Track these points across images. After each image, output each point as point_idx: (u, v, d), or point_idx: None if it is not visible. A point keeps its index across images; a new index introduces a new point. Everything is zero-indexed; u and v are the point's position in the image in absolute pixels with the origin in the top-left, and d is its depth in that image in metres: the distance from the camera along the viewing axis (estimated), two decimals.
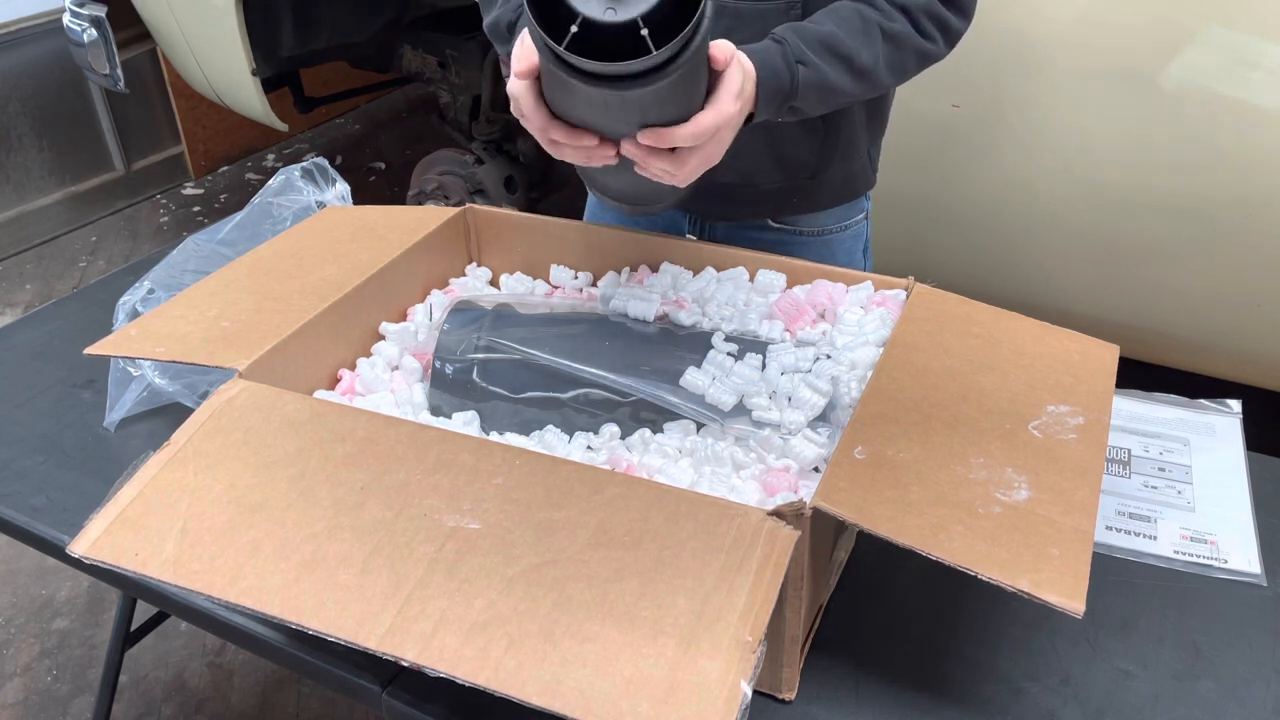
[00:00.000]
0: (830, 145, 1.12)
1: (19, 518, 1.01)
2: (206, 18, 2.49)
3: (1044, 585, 0.68)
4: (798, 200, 1.18)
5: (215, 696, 1.76)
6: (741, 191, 1.17)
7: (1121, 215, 1.68)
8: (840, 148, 1.13)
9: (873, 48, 0.96)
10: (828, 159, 1.14)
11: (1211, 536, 0.97)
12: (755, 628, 0.66)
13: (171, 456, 0.81)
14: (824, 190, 1.18)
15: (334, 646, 0.69)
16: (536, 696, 0.63)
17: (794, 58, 0.92)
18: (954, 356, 0.92)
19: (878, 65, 0.97)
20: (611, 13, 0.72)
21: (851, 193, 1.20)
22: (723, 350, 0.96)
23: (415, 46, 2.79)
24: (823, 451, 0.89)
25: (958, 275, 1.87)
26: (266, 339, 0.94)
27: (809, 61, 0.93)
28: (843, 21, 0.95)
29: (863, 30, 0.96)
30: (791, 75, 0.92)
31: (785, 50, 0.92)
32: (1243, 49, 1.52)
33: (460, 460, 0.79)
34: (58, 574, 2.00)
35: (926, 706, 0.81)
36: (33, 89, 3.11)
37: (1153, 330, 1.78)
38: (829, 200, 1.19)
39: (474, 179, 2.59)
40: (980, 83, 1.69)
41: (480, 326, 1.00)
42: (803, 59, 0.92)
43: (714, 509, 0.74)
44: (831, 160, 1.14)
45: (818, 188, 1.17)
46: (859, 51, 0.95)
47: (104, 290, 1.38)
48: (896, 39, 0.98)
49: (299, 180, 1.30)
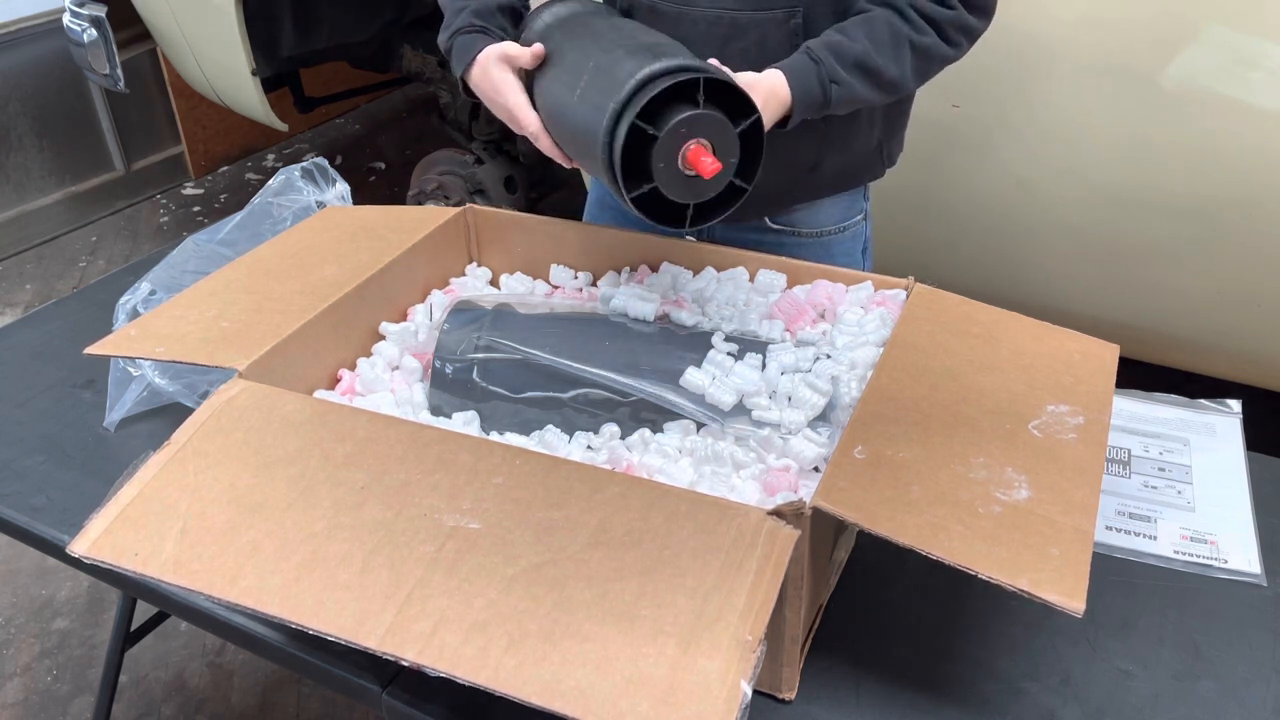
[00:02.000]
0: (828, 139, 1.13)
1: (19, 518, 1.01)
2: (206, 18, 2.49)
3: (1044, 585, 0.68)
4: (798, 192, 1.18)
5: (215, 696, 1.76)
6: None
7: (1121, 215, 1.68)
8: (839, 141, 1.14)
9: (901, 63, 1.02)
10: (826, 151, 1.14)
11: (1211, 536, 0.97)
12: (755, 627, 0.66)
13: (171, 456, 0.81)
14: (822, 181, 1.18)
15: (334, 646, 0.69)
16: (536, 696, 0.63)
17: (829, 77, 1.00)
18: (954, 356, 0.92)
19: (904, 76, 1.03)
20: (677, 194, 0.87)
21: (851, 182, 1.21)
22: (723, 350, 0.96)
23: (415, 46, 2.79)
24: (823, 451, 0.89)
25: (958, 275, 1.87)
26: (266, 339, 0.94)
27: (842, 81, 1.00)
28: (875, 36, 1.01)
29: (893, 45, 1.01)
30: (825, 93, 1.01)
31: (820, 71, 1.00)
32: (1243, 49, 1.51)
33: (460, 460, 0.79)
34: (58, 574, 2.00)
35: (926, 706, 0.81)
36: (33, 89, 3.11)
37: (1153, 330, 1.78)
38: (828, 189, 1.20)
39: (474, 179, 2.59)
40: (980, 83, 1.69)
41: (480, 326, 1.00)
42: (836, 79, 1.00)
43: (714, 509, 0.74)
44: (830, 153, 1.14)
45: (816, 180, 1.18)
46: (888, 67, 1.01)
47: (104, 290, 1.38)
48: (926, 52, 1.03)
49: (299, 180, 1.30)
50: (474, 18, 1.07)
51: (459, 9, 1.08)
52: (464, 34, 1.06)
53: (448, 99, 2.75)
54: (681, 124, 0.84)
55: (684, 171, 0.86)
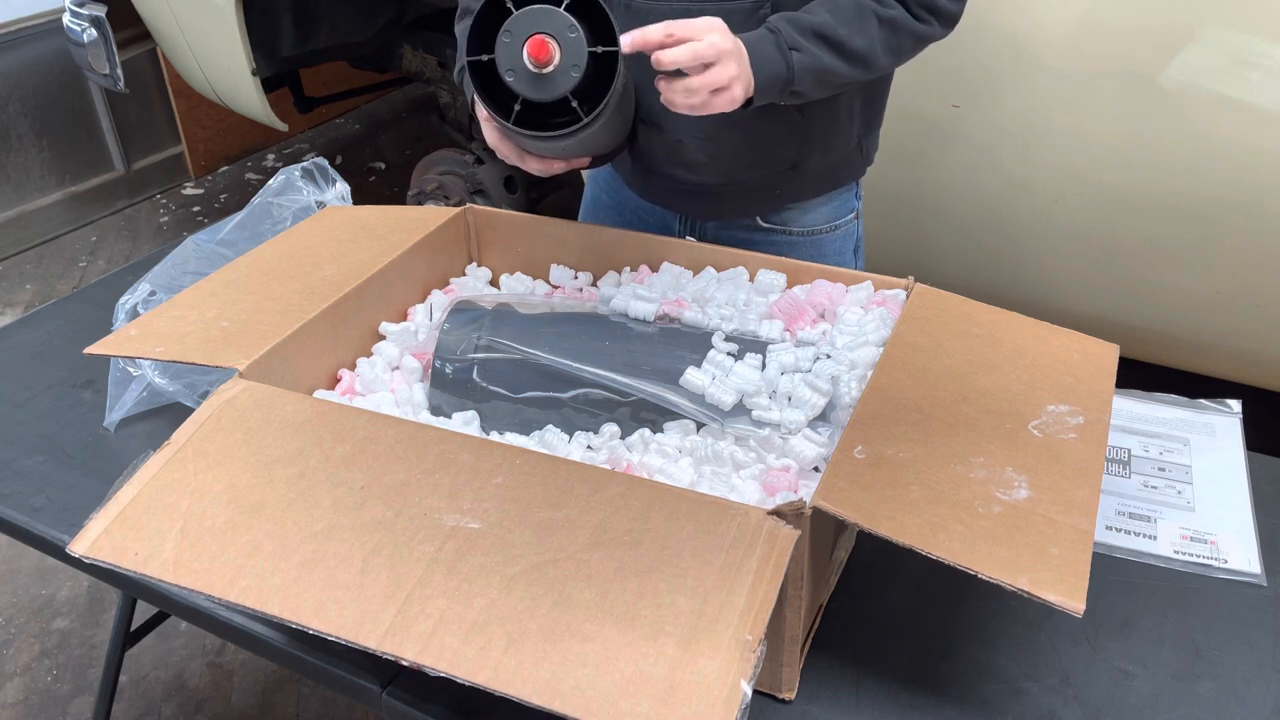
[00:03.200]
0: (809, 137, 1.13)
1: (19, 518, 1.01)
2: (206, 18, 2.49)
3: (1044, 584, 0.68)
4: (780, 192, 1.18)
5: (215, 696, 1.76)
6: (724, 189, 1.18)
7: (1121, 215, 1.68)
8: (820, 139, 1.14)
9: (867, 33, 1.00)
10: (808, 151, 1.14)
11: (1211, 536, 0.97)
12: (755, 627, 0.66)
13: (171, 456, 0.81)
14: (806, 181, 1.18)
15: (334, 646, 0.69)
16: (536, 696, 0.63)
17: (787, 45, 0.96)
18: (954, 356, 0.92)
19: (873, 49, 1.01)
20: (544, 92, 0.88)
21: (835, 182, 1.21)
22: (723, 350, 0.96)
23: (415, 46, 2.79)
24: (823, 451, 0.89)
25: (958, 275, 1.87)
26: (266, 339, 0.94)
27: (802, 48, 0.97)
28: (837, 9, 0.99)
29: (857, 17, 0.99)
30: (787, 62, 0.96)
31: (779, 39, 0.97)
32: (1243, 49, 1.52)
33: (460, 460, 0.79)
34: (58, 574, 2.00)
35: (926, 706, 0.81)
36: (33, 89, 3.11)
37: (1153, 330, 1.78)
38: (812, 190, 1.20)
39: (474, 179, 2.58)
40: (980, 83, 1.69)
41: (480, 326, 1.00)
42: (795, 45, 0.97)
43: (714, 509, 0.74)
44: (812, 151, 1.14)
45: (800, 178, 1.17)
46: (852, 37, 0.99)
47: (104, 290, 1.38)
48: (893, 24, 1.01)
49: (299, 180, 1.30)
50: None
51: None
52: None
53: (448, 99, 2.75)
54: (505, 32, 0.87)
55: (538, 71, 0.87)
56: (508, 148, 1.03)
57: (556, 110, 0.90)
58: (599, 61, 0.89)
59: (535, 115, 0.91)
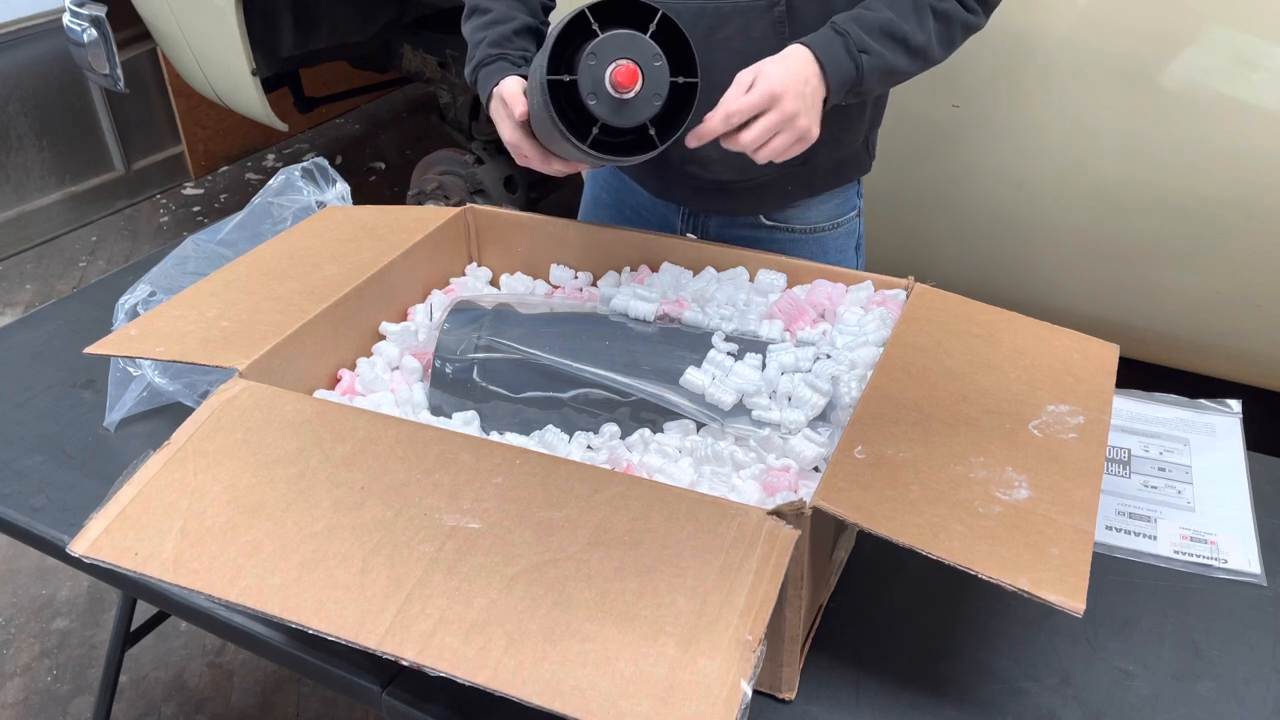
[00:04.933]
0: (821, 133, 1.13)
1: (19, 518, 1.01)
2: (206, 18, 2.49)
3: (1044, 584, 0.68)
4: (793, 188, 1.19)
5: (215, 696, 1.76)
6: (738, 186, 1.17)
7: (1121, 215, 1.68)
8: (832, 135, 1.14)
9: (925, 28, 1.02)
10: (818, 146, 1.14)
11: (1211, 536, 0.97)
12: (755, 627, 0.66)
13: (171, 456, 0.81)
14: (815, 177, 1.19)
15: (334, 646, 0.69)
16: (536, 696, 0.63)
17: (857, 48, 0.98)
18: (954, 356, 0.92)
19: (930, 43, 1.03)
20: (623, 118, 0.89)
21: (842, 178, 1.21)
22: (723, 350, 0.96)
23: (415, 46, 2.79)
24: (823, 451, 0.89)
25: (958, 275, 1.87)
26: (266, 339, 0.94)
27: (871, 50, 0.99)
28: (895, 4, 1.01)
29: (915, 12, 1.01)
30: (857, 65, 0.98)
31: (848, 43, 0.98)
32: (1243, 49, 1.51)
33: (460, 460, 0.79)
34: (58, 574, 2.00)
35: (926, 706, 0.81)
36: (33, 89, 3.11)
37: (1153, 330, 1.78)
38: (820, 186, 1.20)
39: (474, 179, 2.58)
40: (980, 83, 1.69)
41: (480, 326, 1.00)
42: (865, 48, 0.98)
43: (714, 509, 0.74)
44: (822, 147, 1.14)
45: (810, 174, 1.18)
46: (914, 33, 1.01)
47: (104, 290, 1.38)
48: (946, 17, 1.03)
49: (299, 180, 1.30)
50: (491, 48, 1.08)
51: (478, 40, 1.10)
52: (484, 66, 1.08)
53: (448, 99, 2.75)
54: (590, 55, 0.87)
55: (619, 96, 0.88)
56: (530, 148, 1.01)
57: (621, 130, 0.91)
58: (675, 90, 0.90)
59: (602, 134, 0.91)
